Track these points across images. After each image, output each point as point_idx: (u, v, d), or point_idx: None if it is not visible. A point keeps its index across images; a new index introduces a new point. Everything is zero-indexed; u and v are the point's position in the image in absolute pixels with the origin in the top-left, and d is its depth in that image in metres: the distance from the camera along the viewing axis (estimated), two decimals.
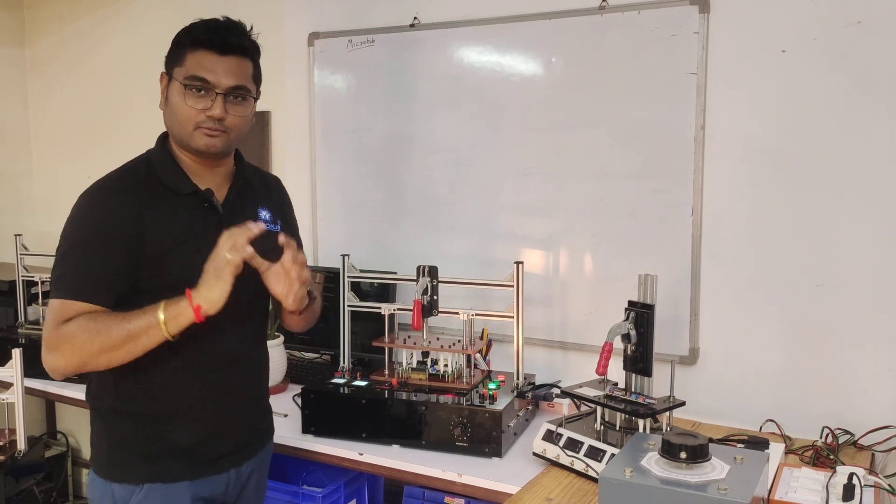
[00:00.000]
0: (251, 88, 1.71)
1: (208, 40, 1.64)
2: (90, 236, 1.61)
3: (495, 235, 2.59)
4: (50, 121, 3.83)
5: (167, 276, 1.62)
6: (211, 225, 1.68)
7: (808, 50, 2.10)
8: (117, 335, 1.53)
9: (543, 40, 2.45)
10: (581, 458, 1.86)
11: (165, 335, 1.54)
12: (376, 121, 2.79)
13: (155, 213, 1.64)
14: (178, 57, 1.67)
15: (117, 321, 1.54)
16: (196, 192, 1.70)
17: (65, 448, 3.69)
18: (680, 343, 2.31)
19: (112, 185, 1.67)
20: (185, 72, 1.64)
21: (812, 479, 1.71)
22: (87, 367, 1.59)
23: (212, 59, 1.64)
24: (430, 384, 2.20)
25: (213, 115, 1.63)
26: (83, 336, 1.53)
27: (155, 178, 1.68)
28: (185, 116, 1.65)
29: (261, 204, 1.83)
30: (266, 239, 1.66)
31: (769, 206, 2.18)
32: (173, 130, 1.70)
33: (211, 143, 1.66)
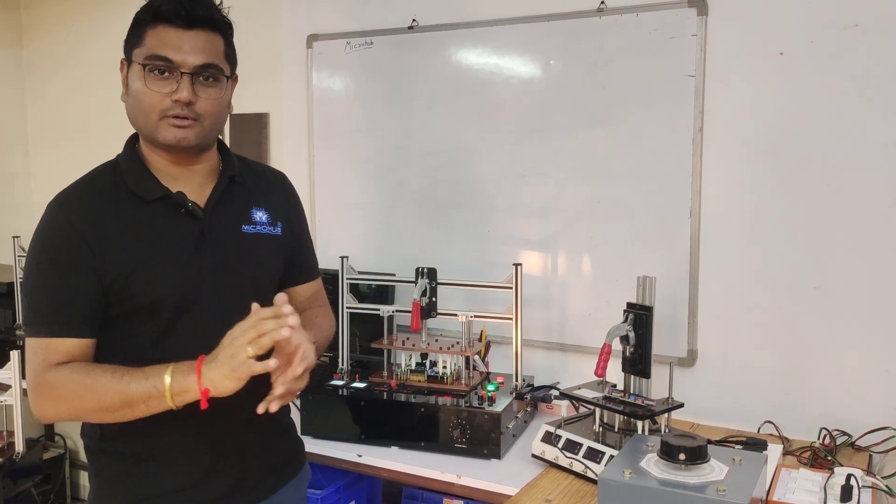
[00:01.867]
0: (224, 67, 1.47)
1: (170, 12, 1.39)
2: (53, 262, 1.39)
3: (494, 237, 2.60)
4: (47, 122, 3.83)
5: (136, 299, 1.41)
6: (191, 234, 1.46)
7: (806, 52, 2.11)
8: (113, 399, 1.34)
9: (542, 42, 2.46)
10: (580, 459, 1.87)
11: (171, 406, 1.33)
12: (375, 122, 2.79)
13: (117, 227, 1.41)
14: (137, 36, 1.43)
15: (114, 381, 1.34)
16: (167, 195, 1.46)
17: (63, 450, 3.69)
18: (678, 345, 2.31)
19: (69, 199, 1.44)
20: (144, 51, 1.40)
21: (810, 480, 1.71)
22: (75, 420, 1.45)
23: (175, 35, 1.40)
24: (428, 386, 2.20)
25: (179, 98, 1.39)
26: (74, 390, 1.35)
27: (121, 186, 1.46)
28: (147, 104, 1.40)
29: (255, 204, 1.59)
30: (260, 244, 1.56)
31: (767, 207, 2.19)
32: (137, 123, 1.45)
33: (181, 136, 1.41)
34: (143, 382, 1.33)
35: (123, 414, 1.36)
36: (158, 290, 1.42)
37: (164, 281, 1.42)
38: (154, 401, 1.33)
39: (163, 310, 1.43)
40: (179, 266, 1.44)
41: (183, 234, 1.46)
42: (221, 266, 1.49)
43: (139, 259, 1.41)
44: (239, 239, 1.54)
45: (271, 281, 1.61)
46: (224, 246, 1.51)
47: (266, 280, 1.60)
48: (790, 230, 2.16)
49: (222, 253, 1.50)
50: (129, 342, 1.44)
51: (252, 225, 1.56)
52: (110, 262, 1.39)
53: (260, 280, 1.57)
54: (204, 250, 1.47)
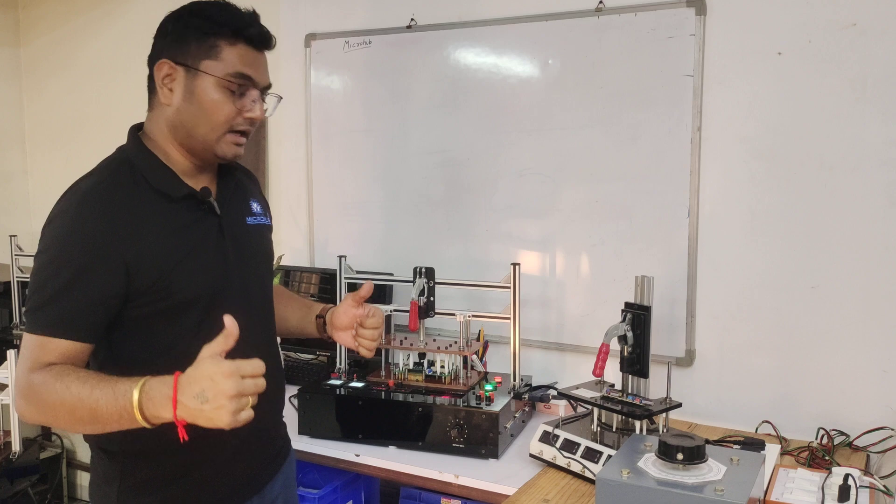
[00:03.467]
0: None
1: (254, 35, 1.45)
2: (76, 265, 1.35)
3: (492, 237, 2.60)
4: (45, 121, 3.82)
5: (175, 297, 1.41)
6: (212, 229, 1.49)
7: (804, 52, 2.11)
8: (82, 415, 1.29)
9: (540, 42, 2.45)
10: (578, 459, 1.86)
11: (144, 425, 1.27)
12: (373, 122, 2.79)
13: (151, 230, 1.40)
14: (209, 48, 1.43)
15: (86, 390, 1.28)
16: (192, 194, 1.47)
17: (60, 450, 3.68)
18: (676, 344, 2.31)
19: (95, 199, 1.39)
20: (225, 67, 1.42)
21: (808, 479, 1.72)
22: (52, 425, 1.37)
23: (255, 56, 1.46)
24: (426, 385, 2.20)
25: (254, 116, 1.46)
26: (50, 398, 1.30)
27: (143, 183, 1.43)
28: (223, 117, 1.43)
29: (251, 197, 1.65)
30: (262, 235, 1.61)
31: (765, 207, 2.19)
32: (197, 132, 1.45)
33: (237, 152, 1.48)
34: (112, 400, 1.27)
35: (95, 430, 1.33)
36: (195, 285, 1.43)
37: (200, 276, 1.44)
38: (125, 421, 1.27)
39: (198, 305, 1.44)
40: (210, 261, 1.47)
41: (207, 230, 1.49)
42: (239, 258, 1.53)
43: (175, 257, 1.41)
44: (247, 231, 1.59)
45: (272, 268, 1.70)
46: (238, 239, 1.55)
47: (270, 267, 1.69)
48: (788, 230, 2.16)
49: (238, 246, 1.54)
50: (163, 338, 1.43)
51: (253, 216, 1.62)
52: (147, 266, 1.38)
53: (267, 268, 1.66)
54: (225, 245, 1.51)
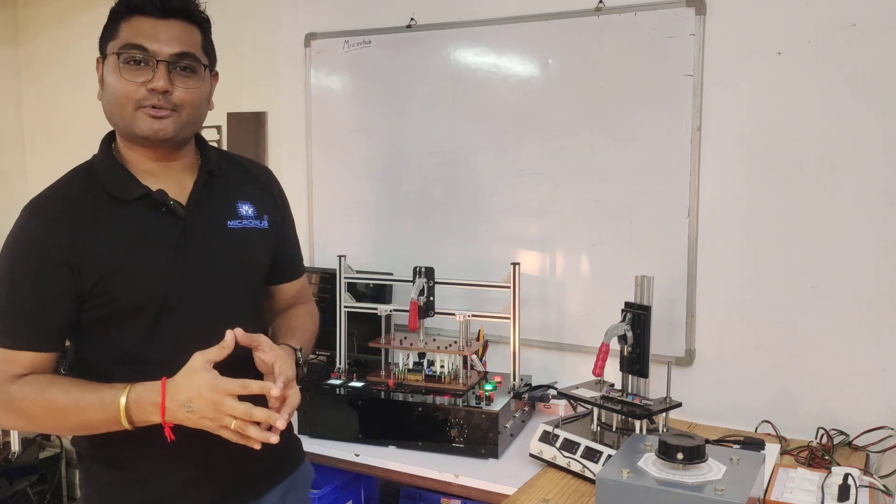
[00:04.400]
0: (201, 58, 1.43)
1: (146, 3, 1.37)
2: (22, 273, 1.35)
3: (491, 236, 2.60)
4: (44, 121, 3.82)
5: (117, 303, 1.37)
6: (173, 232, 1.42)
7: (803, 52, 2.11)
8: (71, 422, 1.34)
9: (540, 42, 2.45)
10: (578, 459, 1.86)
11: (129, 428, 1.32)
12: (373, 122, 2.78)
13: (94, 231, 1.37)
14: (112, 31, 1.40)
15: (72, 401, 1.32)
16: (147, 195, 1.41)
17: (59, 450, 3.67)
18: (676, 344, 2.31)
19: (40, 205, 1.40)
20: (119, 42, 1.37)
21: (807, 479, 1.72)
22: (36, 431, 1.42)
23: (151, 24, 1.37)
24: (426, 385, 2.20)
25: (155, 86, 1.35)
26: (33, 411, 1.34)
27: (96, 187, 1.41)
28: (122, 94, 1.36)
29: (240, 198, 1.54)
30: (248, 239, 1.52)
31: (764, 207, 2.19)
32: (113, 117, 1.41)
33: (158, 127, 1.37)
34: (101, 412, 1.31)
35: (83, 433, 1.39)
36: (138, 292, 1.38)
37: (145, 283, 1.39)
38: (114, 426, 1.32)
39: (145, 312, 1.39)
40: (160, 267, 1.40)
41: (164, 233, 1.42)
42: (206, 265, 1.45)
43: (117, 262, 1.37)
44: (225, 235, 1.50)
45: (260, 276, 1.59)
46: (209, 244, 1.47)
47: (254, 277, 1.57)
48: (787, 230, 2.16)
49: (206, 251, 1.46)
50: (116, 343, 1.41)
51: (238, 220, 1.52)
52: (87, 267, 1.35)
53: (248, 278, 1.55)
54: (186, 249, 1.43)
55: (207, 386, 1.28)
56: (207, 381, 1.28)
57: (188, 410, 1.28)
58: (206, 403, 1.28)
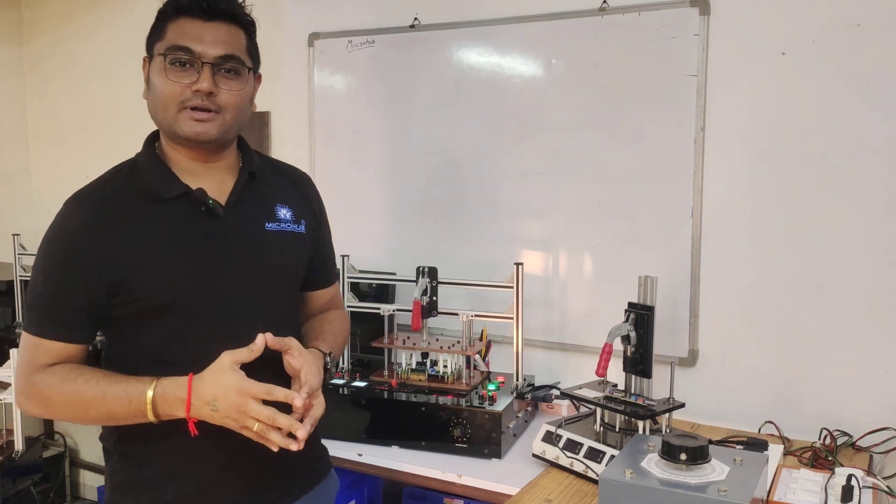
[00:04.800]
0: (245, 60, 1.43)
1: (192, 5, 1.39)
2: (56, 263, 1.37)
3: (495, 236, 2.60)
4: (47, 120, 3.83)
5: (144, 301, 1.38)
6: (211, 232, 1.42)
7: (808, 52, 2.10)
8: (97, 413, 1.35)
9: (543, 42, 2.45)
10: (581, 459, 1.86)
11: (154, 421, 1.33)
12: (376, 121, 2.79)
13: (127, 227, 1.37)
14: (158, 31, 1.42)
15: (97, 395, 1.33)
16: (187, 193, 1.42)
17: (62, 448, 3.68)
18: (679, 345, 2.31)
19: (80, 199, 1.41)
20: (166, 44, 1.39)
21: (811, 480, 1.71)
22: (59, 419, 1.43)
23: (196, 26, 1.38)
24: (429, 385, 2.20)
25: (200, 88, 1.36)
26: (58, 399, 1.35)
27: (138, 184, 1.42)
28: (167, 95, 1.37)
29: (279, 201, 1.54)
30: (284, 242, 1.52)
31: (768, 207, 2.19)
32: (157, 117, 1.42)
33: (201, 130, 1.38)
34: (126, 405, 1.33)
35: (107, 423, 1.41)
36: (164, 291, 1.38)
37: (174, 281, 1.38)
38: (138, 418, 1.34)
39: (173, 311, 1.39)
40: (192, 266, 1.40)
41: (201, 232, 1.42)
42: (242, 266, 1.45)
43: (145, 260, 1.37)
44: (262, 237, 1.50)
45: (296, 280, 1.59)
46: (246, 245, 1.47)
47: (290, 281, 1.57)
48: (791, 230, 2.16)
49: (244, 252, 1.46)
50: (143, 341, 1.41)
51: (276, 223, 1.52)
52: (117, 263, 1.36)
53: (284, 281, 1.55)
54: (224, 249, 1.43)
55: (234, 387, 1.29)
56: (234, 383, 1.29)
57: (213, 409, 1.29)
58: (230, 404, 1.29)
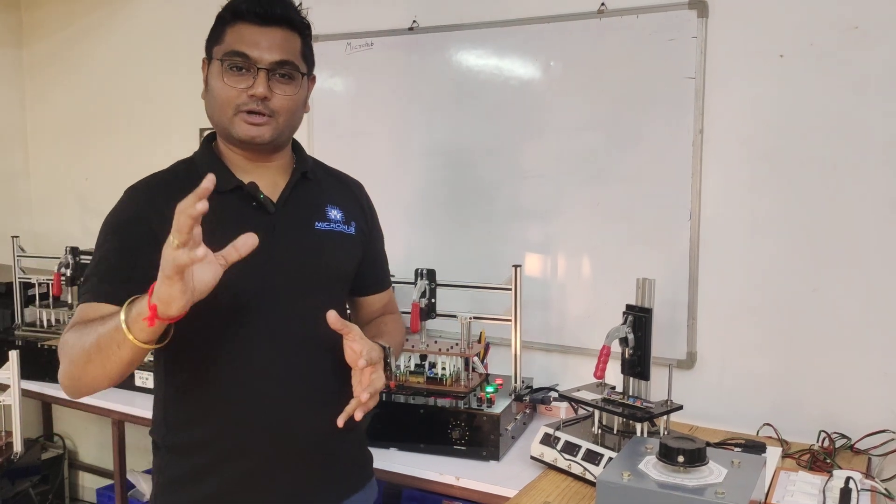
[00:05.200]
0: (300, 65, 1.48)
1: (249, 10, 1.43)
2: (114, 247, 1.41)
3: (493, 238, 2.60)
4: (47, 122, 3.83)
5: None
6: (261, 228, 1.38)
7: (806, 55, 2.11)
8: (88, 340, 1.27)
9: (542, 44, 2.46)
10: (579, 461, 1.86)
11: (132, 341, 1.20)
12: (375, 124, 2.79)
13: None
14: (217, 34, 1.47)
15: (94, 325, 1.28)
16: (240, 187, 1.47)
17: (61, 450, 3.68)
18: (678, 347, 2.31)
19: (142, 187, 1.47)
20: (223, 48, 1.44)
21: (809, 483, 1.71)
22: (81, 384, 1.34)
23: (253, 32, 1.43)
24: (427, 387, 2.20)
25: (255, 93, 1.41)
26: (72, 351, 1.30)
27: (193, 177, 1.36)
28: (224, 99, 1.43)
29: (330, 202, 1.58)
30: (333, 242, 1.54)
31: (766, 210, 2.19)
32: (214, 118, 1.48)
33: (255, 133, 1.43)
34: (109, 319, 1.25)
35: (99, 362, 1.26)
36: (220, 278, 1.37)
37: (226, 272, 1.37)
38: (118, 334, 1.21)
39: (222, 302, 1.35)
40: (244, 259, 1.38)
41: (253, 227, 1.39)
42: (290, 262, 1.48)
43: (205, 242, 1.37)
44: (312, 236, 1.52)
45: (343, 280, 1.61)
46: (295, 242, 1.49)
47: (338, 279, 1.59)
48: (790, 232, 2.16)
49: (292, 249, 1.48)
50: (191, 335, 1.38)
51: (326, 222, 1.55)
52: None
53: (331, 279, 1.56)
54: (273, 245, 1.45)
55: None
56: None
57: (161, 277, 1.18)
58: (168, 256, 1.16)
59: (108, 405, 2.58)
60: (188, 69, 3.32)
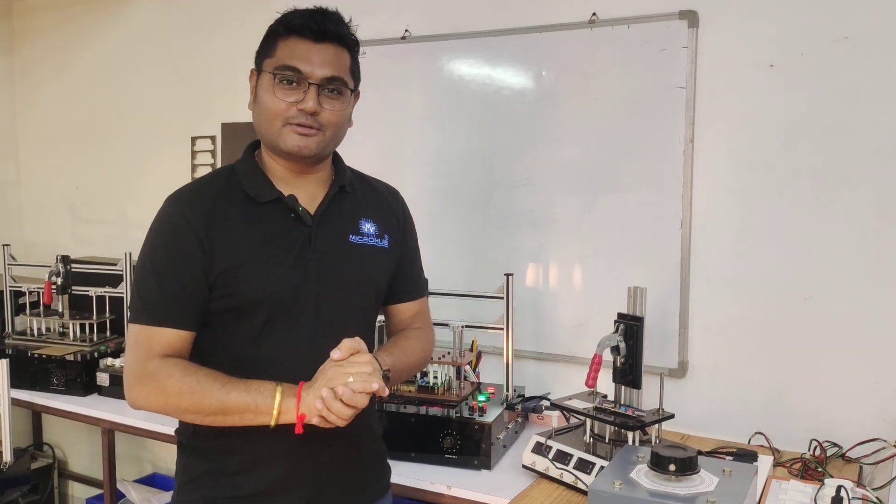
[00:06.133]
0: (348, 81, 1.51)
1: (303, 26, 1.46)
2: (163, 255, 1.45)
3: (485, 247, 2.60)
4: (38, 130, 3.82)
5: (239, 296, 1.45)
6: (298, 238, 1.50)
7: (796, 65, 2.12)
8: (210, 404, 1.38)
9: (534, 53, 2.46)
10: (570, 470, 1.86)
11: (270, 423, 1.38)
12: (367, 132, 2.77)
13: (227, 224, 1.46)
14: (269, 47, 1.50)
15: (216, 387, 1.38)
16: (279, 199, 1.50)
17: (51, 460, 3.66)
18: (669, 355, 2.31)
19: (185, 195, 1.50)
20: (275, 61, 1.47)
21: (800, 491, 1.71)
22: (166, 414, 1.46)
23: (305, 47, 1.46)
24: (419, 396, 2.19)
25: (305, 108, 1.44)
26: (176, 386, 1.38)
27: (236, 187, 1.51)
28: (273, 111, 1.46)
29: (364, 215, 1.61)
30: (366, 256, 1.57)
31: (757, 219, 2.19)
32: (261, 129, 1.51)
33: (303, 145, 1.46)
34: (244, 395, 1.38)
35: (214, 420, 1.40)
36: (260, 289, 1.45)
37: (267, 280, 1.45)
38: (250, 414, 1.38)
39: (262, 309, 1.46)
40: (284, 268, 1.47)
41: (291, 238, 1.49)
42: (324, 274, 1.51)
43: (246, 256, 1.45)
44: (345, 249, 1.56)
45: (375, 294, 1.63)
46: (329, 255, 1.53)
47: (369, 293, 1.62)
48: (780, 241, 2.17)
49: (327, 261, 1.52)
50: (228, 340, 1.48)
51: (360, 236, 1.59)
52: (218, 256, 1.44)
53: (363, 292, 1.60)
54: (309, 256, 1.50)
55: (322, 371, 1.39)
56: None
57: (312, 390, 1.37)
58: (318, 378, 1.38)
59: (99, 414, 2.57)
60: (179, 77, 3.33)
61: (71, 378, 2.71)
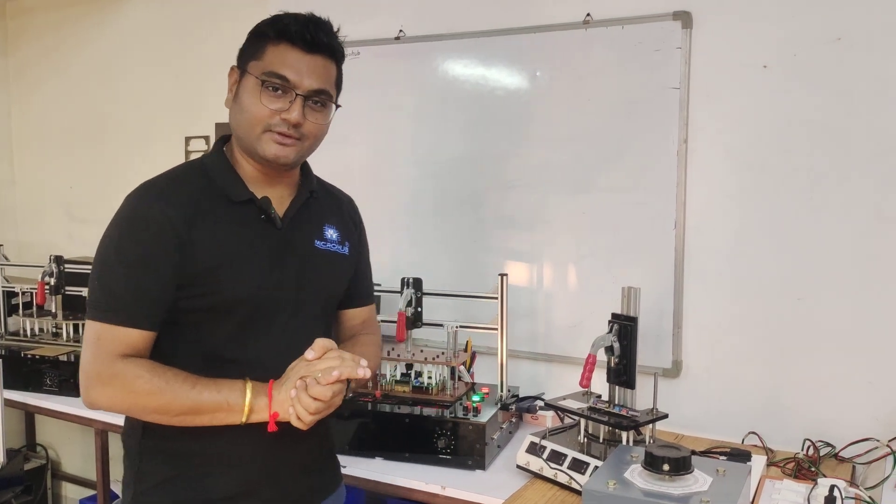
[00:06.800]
0: (333, 94, 1.52)
1: (296, 34, 1.43)
2: (134, 251, 1.39)
3: (480, 247, 2.60)
4: (32, 130, 3.81)
5: (218, 296, 1.43)
6: (267, 240, 1.49)
7: (789, 66, 2.12)
8: (182, 404, 1.36)
9: (528, 54, 2.47)
10: (564, 470, 1.86)
11: (243, 422, 1.38)
12: (361, 132, 2.78)
13: (207, 223, 1.43)
14: (256, 49, 1.46)
15: (186, 387, 1.36)
16: (251, 200, 1.49)
17: (44, 461, 3.65)
18: (663, 355, 2.31)
19: (160, 190, 1.45)
20: (263, 66, 1.44)
21: (794, 491, 1.72)
22: (129, 414, 1.45)
23: (296, 56, 1.44)
24: (413, 396, 2.19)
25: (289, 118, 1.43)
26: (144, 388, 1.35)
27: (210, 184, 1.48)
28: (256, 116, 1.44)
29: (327, 221, 1.63)
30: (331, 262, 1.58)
31: (751, 219, 2.20)
32: (239, 131, 1.48)
33: (282, 153, 1.45)
34: (216, 395, 1.37)
35: (183, 420, 1.39)
36: (241, 289, 1.44)
37: (248, 280, 1.45)
38: (222, 413, 1.37)
39: (240, 310, 1.45)
40: (263, 269, 1.47)
41: (262, 238, 1.49)
42: (297, 278, 1.52)
43: (226, 255, 1.44)
44: (313, 254, 1.57)
45: (336, 299, 1.66)
46: (299, 259, 1.53)
47: (332, 297, 1.64)
48: (774, 242, 2.17)
49: (297, 265, 1.53)
50: (200, 339, 1.46)
51: (324, 241, 1.60)
52: (199, 253, 1.41)
53: (327, 297, 1.62)
54: (287, 259, 1.51)
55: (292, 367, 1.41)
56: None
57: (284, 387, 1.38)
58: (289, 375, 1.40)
59: (92, 415, 2.56)
60: (173, 77, 3.32)
61: (64, 379, 2.70)
